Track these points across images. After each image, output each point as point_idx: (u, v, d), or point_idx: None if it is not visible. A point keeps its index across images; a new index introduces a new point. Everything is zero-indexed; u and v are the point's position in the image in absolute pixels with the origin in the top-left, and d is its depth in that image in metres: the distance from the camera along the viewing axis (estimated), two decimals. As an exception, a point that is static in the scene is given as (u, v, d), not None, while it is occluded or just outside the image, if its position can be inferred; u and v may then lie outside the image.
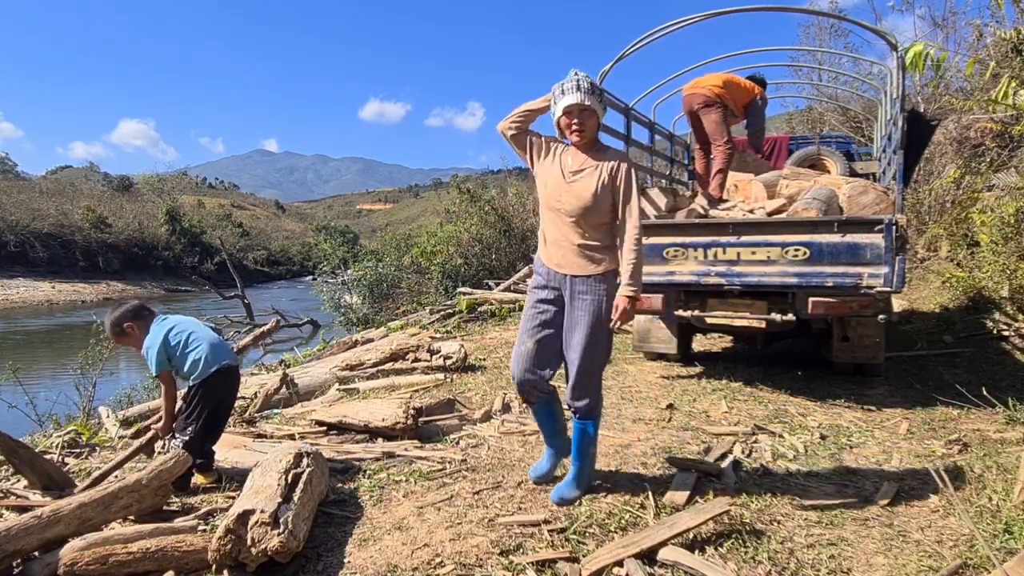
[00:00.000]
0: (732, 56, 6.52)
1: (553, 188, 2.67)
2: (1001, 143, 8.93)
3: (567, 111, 2.60)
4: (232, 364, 3.22)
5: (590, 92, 2.55)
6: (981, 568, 2.20)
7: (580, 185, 2.63)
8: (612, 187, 2.62)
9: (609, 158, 2.66)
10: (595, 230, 2.65)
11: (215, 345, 3.16)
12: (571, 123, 2.61)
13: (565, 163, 2.69)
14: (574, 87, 2.54)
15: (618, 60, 5.08)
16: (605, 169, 2.63)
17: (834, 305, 4.21)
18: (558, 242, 2.69)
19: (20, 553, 2.19)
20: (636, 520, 2.66)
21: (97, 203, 35.20)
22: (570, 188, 2.63)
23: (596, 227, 2.65)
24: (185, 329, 3.14)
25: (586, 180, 2.63)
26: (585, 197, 2.60)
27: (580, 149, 2.70)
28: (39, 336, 16.81)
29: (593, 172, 2.63)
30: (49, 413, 5.28)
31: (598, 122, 2.67)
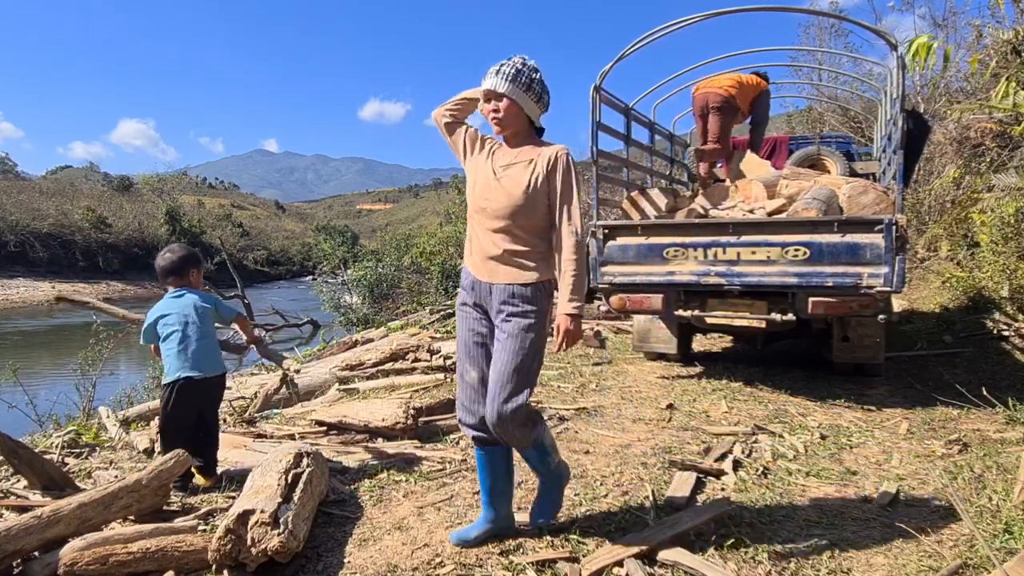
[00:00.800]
0: (732, 56, 6.52)
1: (482, 186, 2.35)
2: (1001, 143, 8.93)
3: (486, 96, 2.32)
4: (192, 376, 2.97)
5: (512, 79, 2.24)
6: (981, 568, 2.20)
7: (510, 181, 2.29)
8: (548, 183, 2.28)
9: (547, 150, 2.32)
10: (528, 234, 2.29)
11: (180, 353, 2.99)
12: (489, 110, 2.31)
13: (496, 159, 2.38)
14: (495, 71, 2.27)
15: (618, 60, 5.08)
16: (540, 163, 2.29)
17: (834, 305, 4.21)
18: (485, 248, 2.32)
19: (20, 553, 2.19)
20: (636, 520, 2.65)
21: (97, 203, 35.23)
22: (499, 185, 2.30)
23: (529, 231, 2.29)
24: (172, 324, 3.01)
25: (517, 175, 2.30)
26: (516, 194, 2.26)
27: (511, 143, 2.38)
28: (39, 336, 16.80)
29: (526, 167, 2.30)
30: (49, 413, 5.27)
31: (523, 114, 2.30)
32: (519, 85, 2.26)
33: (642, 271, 4.70)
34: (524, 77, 2.26)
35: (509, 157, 2.35)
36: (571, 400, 4.62)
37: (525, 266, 2.28)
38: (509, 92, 2.25)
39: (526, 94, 2.27)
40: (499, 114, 2.29)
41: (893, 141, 4.54)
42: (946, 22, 11.76)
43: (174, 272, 3.11)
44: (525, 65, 2.28)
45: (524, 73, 2.26)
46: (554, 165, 2.28)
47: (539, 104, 2.33)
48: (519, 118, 2.31)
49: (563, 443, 3.66)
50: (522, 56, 2.31)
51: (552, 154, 2.30)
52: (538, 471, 2.47)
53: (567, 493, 2.91)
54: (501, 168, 2.34)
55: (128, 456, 3.71)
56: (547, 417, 4.17)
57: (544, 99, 2.33)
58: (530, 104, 2.30)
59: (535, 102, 2.31)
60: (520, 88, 2.26)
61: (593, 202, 5.25)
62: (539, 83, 2.30)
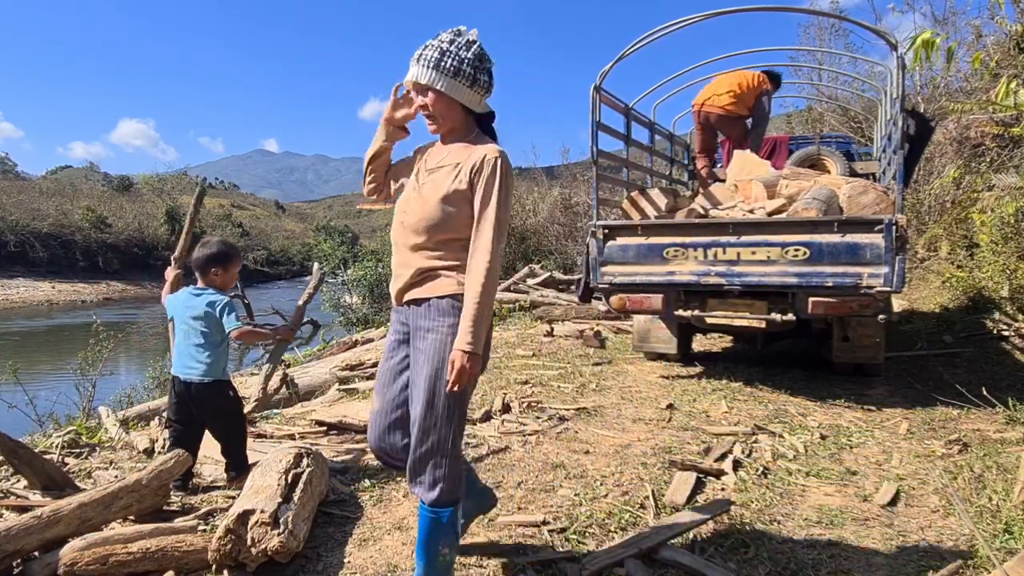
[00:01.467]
0: (732, 56, 6.53)
1: (404, 195, 2.04)
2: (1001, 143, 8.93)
3: (413, 89, 1.97)
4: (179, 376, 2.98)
5: (435, 65, 1.86)
6: (981, 568, 2.21)
7: (430, 187, 1.94)
8: (468, 191, 1.90)
9: (476, 152, 1.92)
10: (448, 250, 1.92)
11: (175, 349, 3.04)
12: (417, 106, 1.98)
13: (427, 161, 2.04)
14: (416, 57, 1.89)
15: (618, 60, 5.08)
16: (466, 166, 1.91)
17: (834, 305, 4.21)
18: (402, 265, 1.99)
19: (20, 553, 2.19)
20: (636, 520, 2.66)
21: (97, 203, 35.19)
22: (419, 192, 1.97)
23: (449, 245, 1.92)
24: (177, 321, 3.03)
25: (439, 181, 1.94)
26: (431, 202, 1.91)
27: (446, 140, 2.03)
28: (39, 336, 16.80)
29: (451, 171, 1.93)
30: (49, 413, 5.27)
31: (455, 105, 1.93)
32: (445, 71, 1.86)
33: (642, 271, 4.70)
34: (451, 60, 1.86)
35: (438, 158, 2.01)
36: (571, 400, 4.62)
37: (441, 277, 1.92)
38: (434, 82, 1.87)
39: (455, 80, 1.87)
40: (428, 111, 1.94)
41: (893, 141, 4.55)
42: (946, 20, 11.77)
43: (198, 269, 3.09)
44: (453, 44, 1.87)
45: (451, 55, 1.86)
46: (479, 169, 1.89)
47: (475, 88, 1.91)
48: (452, 110, 1.94)
49: (563, 443, 3.67)
50: (452, 30, 1.92)
51: (480, 156, 1.90)
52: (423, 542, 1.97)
53: (567, 493, 2.92)
54: (427, 172, 2.00)
55: (128, 456, 3.71)
56: (547, 417, 4.18)
57: (481, 80, 1.91)
58: (463, 91, 1.90)
59: (468, 87, 1.89)
60: (447, 75, 1.86)
61: (593, 202, 5.25)
62: (472, 63, 1.88)
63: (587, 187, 13.12)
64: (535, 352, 6.39)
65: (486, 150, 1.92)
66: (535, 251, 13.90)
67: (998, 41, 9.09)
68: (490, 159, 1.89)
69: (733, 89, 6.23)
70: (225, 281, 3.08)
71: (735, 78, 6.32)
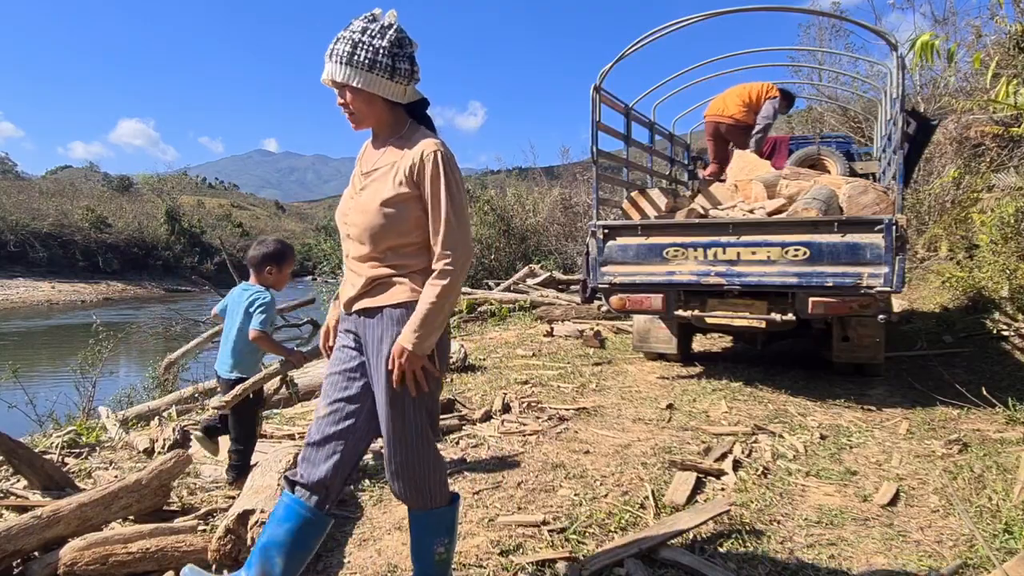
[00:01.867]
0: (732, 56, 6.53)
1: (342, 204, 1.89)
2: (1001, 143, 8.93)
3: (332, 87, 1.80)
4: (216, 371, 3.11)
5: (348, 60, 1.70)
6: (981, 568, 2.20)
7: (368, 193, 1.78)
8: (412, 191, 1.74)
9: (413, 149, 1.76)
10: (400, 256, 1.78)
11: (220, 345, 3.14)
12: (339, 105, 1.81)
13: (362, 164, 1.88)
14: (328, 53, 1.74)
15: (618, 60, 5.09)
16: (404, 165, 1.75)
17: (834, 305, 4.21)
18: (352, 274, 1.85)
19: (20, 553, 2.19)
20: (636, 520, 2.66)
21: (97, 203, 35.19)
22: (357, 200, 1.82)
23: (400, 251, 1.78)
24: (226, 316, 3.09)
25: (377, 185, 1.78)
26: (371, 209, 1.75)
27: (375, 141, 1.87)
28: (39, 336, 16.80)
29: (388, 172, 1.77)
30: (49, 413, 5.27)
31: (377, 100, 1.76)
32: (359, 65, 1.69)
33: (642, 271, 4.70)
34: (364, 52, 1.69)
35: (373, 160, 1.84)
36: (571, 400, 4.62)
37: (392, 283, 1.78)
38: (349, 79, 1.71)
39: (372, 73, 1.70)
40: (348, 109, 1.78)
41: (893, 141, 4.55)
42: (946, 20, 11.78)
43: (253, 267, 3.12)
44: (366, 33, 1.70)
45: (364, 46, 1.69)
46: (420, 169, 1.74)
47: (396, 79, 1.73)
48: (373, 106, 1.77)
49: (563, 443, 3.67)
50: (365, 16, 1.75)
51: (418, 154, 1.74)
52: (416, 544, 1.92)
53: (567, 493, 2.92)
54: (363, 177, 1.84)
55: (128, 456, 3.71)
56: (547, 417, 4.18)
57: (401, 69, 1.73)
58: (382, 84, 1.72)
59: (388, 78, 1.72)
60: (362, 69, 1.70)
61: (593, 202, 5.25)
62: (388, 51, 1.70)
63: (587, 187, 13.13)
64: (535, 352, 6.39)
65: (422, 146, 1.75)
66: (535, 251, 13.90)
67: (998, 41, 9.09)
68: (428, 154, 1.73)
69: (744, 99, 6.39)
70: (279, 280, 3.12)
71: (745, 89, 6.49)
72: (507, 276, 11.92)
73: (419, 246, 1.78)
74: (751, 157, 5.84)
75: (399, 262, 1.78)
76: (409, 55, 1.75)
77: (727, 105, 6.48)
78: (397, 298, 1.76)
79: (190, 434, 3.72)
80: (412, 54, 1.76)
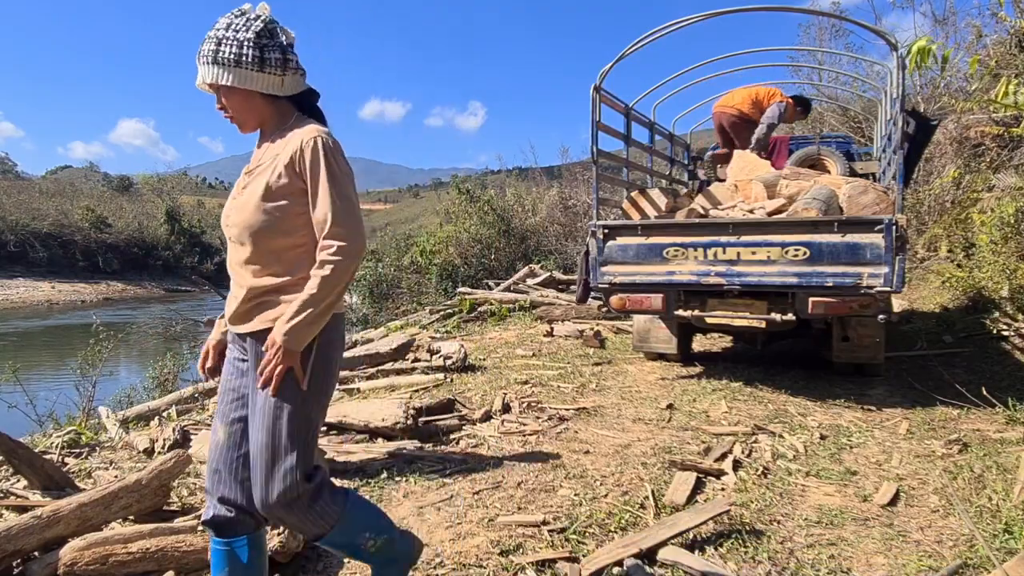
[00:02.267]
0: (732, 56, 6.53)
1: (225, 207, 1.77)
2: (1001, 143, 8.93)
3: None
4: None
5: (214, 59, 1.61)
6: (981, 568, 2.21)
7: (248, 192, 1.67)
8: (294, 183, 1.63)
9: (292, 140, 1.65)
10: (283, 263, 1.66)
11: None
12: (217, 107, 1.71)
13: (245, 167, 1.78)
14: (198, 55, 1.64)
15: (618, 60, 5.08)
16: (283, 157, 1.64)
17: (834, 305, 4.21)
18: (235, 284, 1.72)
19: (20, 553, 2.19)
20: (636, 520, 2.66)
21: (97, 203, 35.19)
22: (237, 200, 1.71)
23: (283, 257, 1.66)
24: None
25: (256, 183, 1.67)
26: (249, 207, 1.64)
27: (261, 141, 1.76)
28: (39, 336, 16.80)
29: (267, 168, 1.67)
30: (49, 413, 5.28)
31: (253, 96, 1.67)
32: (225, 62, 1.61)
33: (642, 271, 4.70)
34: (229, 48, 1.60)
35: (257, 159, 1.74)
36: (571, 400, 4.62)
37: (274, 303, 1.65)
38: (218, 79, 1.62)
39: (240, 69, 1.61)
40: (227, 112, 1.69)
41: (893, 141, 4.55)
42: (946, 20, 11.77)
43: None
44: (230, 28, 1.62)
45: (228, 42, 1.60)
46: (299, 158, 1.62)
47: (266, 71, 1.63)
48: (250, 102, 1.67)
49: (563, 443, 3.67)
50: (232, 12, 1.66)
51: (297, 144, 1.63)
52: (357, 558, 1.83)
53: (567, 493, 2.92)
54: (246, 176, 1.73)
55: (128, 456, 3.71)
56: (547, 417, 4.17)
57: (271, 59, 1.63)
58: (253, 78, 1.62)
59: (257, 71, 1.62)
60: (228, 66, 1.61)
61: (593, 202, 5.25)
62: (254, 43, 1.61)
63: (587, 187, 13.13)
64: (535, 352, 6.39)
65: (302, 134, 1.64)
66: (535, 251, 13.89)
67: (1000, 40, 9.09)
68: (308, 142, 1.62)
69: (752, 97, 6.53)
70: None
71: (755, 88, 6.65)
72: (507, 276, 11.91)
73: (306, 250, 1.65)
74: (751, 157, 5.84)
75: (283, 269, 1.65)
76: (279, 45, 1.65)
77: (734, 98, 6.61)
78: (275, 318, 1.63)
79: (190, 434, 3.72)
80: (283, 44, 1.66)
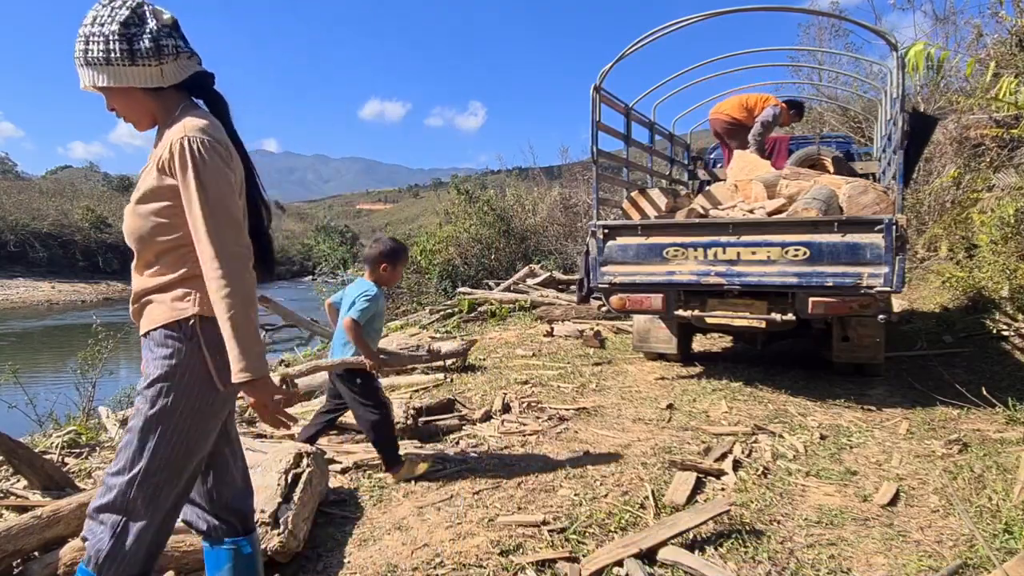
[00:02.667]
0: (732, 56, 6.53)
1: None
2: (1001, 143, 8.93)
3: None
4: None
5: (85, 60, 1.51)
6: (981, 568, 2.20)
7: (132, 196, 1.62)
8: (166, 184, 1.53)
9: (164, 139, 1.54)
10: (166, 263, 1.59)
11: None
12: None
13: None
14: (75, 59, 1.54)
15: (618, 60, 5.08)
16: (155, 160, 1.54)
17: (834, 305, 4.21)
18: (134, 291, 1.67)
19: (20, 553, 2.19)
20: (636, 520, 2.66)
21: (97, 203, 35.19)
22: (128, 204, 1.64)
23: (167, 257, 1.59)
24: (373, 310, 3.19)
25: (138, 185, 1.61)
26: (131, 213, 1.60)
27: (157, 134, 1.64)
28: (39, 336, 16.80)
29: (147, 170, 1.59)
30: (49, 413, 5.27)
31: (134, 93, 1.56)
32: (96, 64, 1.49)
33: (642, 271, 4.70)
34: (96, 45, 1.48)
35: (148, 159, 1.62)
36: (571, 400, 4.62)
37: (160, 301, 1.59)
38: (95, 80, 1.52)
39: (110, 66, 1.49)
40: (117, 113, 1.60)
41: (893, 141, 4.55)
42: (947, 19, 11.76)
43: (368, 263, 3.24)
44: (95, 22, 1.49)
45: (95, 38, 1.48)
46: (168, 162, 1.51)
47: (139, 63, 1.50)
48: (131, 98, 1.56)
49: (563, 443, 3.67)
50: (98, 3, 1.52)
51: (166, 145, 1.51)
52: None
53: (567, 493, 2.92)
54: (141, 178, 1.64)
55: (128, 456, 3.71)
56: (547, 417, 4.17)
57: (141, 49, 1.49)
58: (126, 73, 1.50)
59: (129, 65, 1.49)
60: (99, 66, 1.49)
61: (593, 202, 5.25)
62: (120, 35, 1.48)
63: (587, 187, 13.13)
64: (535, 352, 6.39)
65: (172, 134, 1.51)
66: (535, 251, 13.89)
67: (1001, 40, 9.08)
68: (176, 144, 1.48)
69: (743, 103, 6.61)
70: (392, 277, 3.25)
71: (748, 95, 6.75)
72: (507, 276, 11.91)
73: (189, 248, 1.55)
74: (751, 157, 5.84)
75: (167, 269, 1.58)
76: (151, 31, 1.50)
77: (726, 105, 6.73)
78: (157, 320, 1.57)
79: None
80: (153, 30, 1.51)
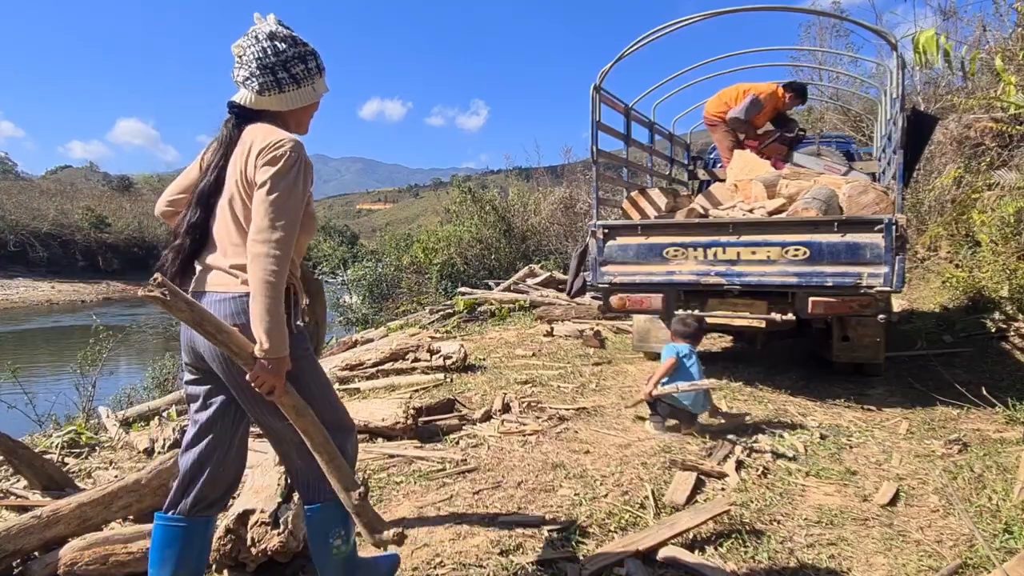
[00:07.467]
0: (732, 56, 6.53)
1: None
2: (1001, 142, 8.93)
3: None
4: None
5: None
6: (981, 568, 2.20)
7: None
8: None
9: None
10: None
11: None
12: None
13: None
14: (321, 74, 1.81)
15: (618, 60, 5.08)
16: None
17: (834, 305, 4.21)
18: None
19: (20, 553, 2.19)
20: (636, 520, 2.65)
21: (97, 203, 35.21)
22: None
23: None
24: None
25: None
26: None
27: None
28: (39, 336, 16.80)
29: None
30: (49, 413, 5.27)
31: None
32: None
33: (642, 271, 4.70)
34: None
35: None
36: (571, 400, 4.62)
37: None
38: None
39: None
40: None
41: (893, 141, 4.55)
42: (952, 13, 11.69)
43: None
44: (273, 39, 1.66)
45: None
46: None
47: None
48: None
49: (563, 443, 3.67)
50: (254, 29, 1.66)
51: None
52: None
53: (567, 493, 2.92)
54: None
55: (128, 456, 3.71)
56: (547, 417, 4.17)
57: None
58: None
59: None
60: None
61: (593, 202, 5.25)
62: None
63: (588, 187, 13.12)
64: (535, 352, 6.38)
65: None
66: (535, 251, 13.89)
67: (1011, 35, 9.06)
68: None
69: (725, 99, 6.34)
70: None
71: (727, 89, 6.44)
72: (507, 276, 11.91)
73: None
74: (751, 157, 5.83)
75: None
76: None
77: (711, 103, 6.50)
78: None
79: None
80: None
